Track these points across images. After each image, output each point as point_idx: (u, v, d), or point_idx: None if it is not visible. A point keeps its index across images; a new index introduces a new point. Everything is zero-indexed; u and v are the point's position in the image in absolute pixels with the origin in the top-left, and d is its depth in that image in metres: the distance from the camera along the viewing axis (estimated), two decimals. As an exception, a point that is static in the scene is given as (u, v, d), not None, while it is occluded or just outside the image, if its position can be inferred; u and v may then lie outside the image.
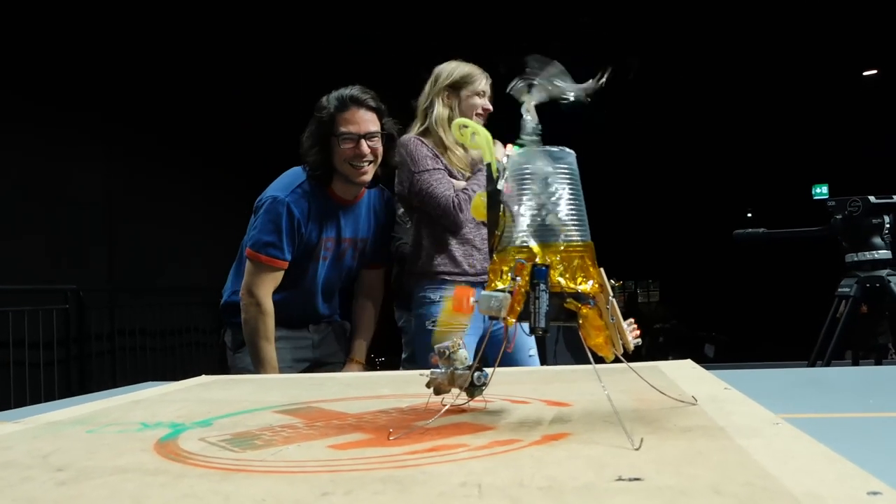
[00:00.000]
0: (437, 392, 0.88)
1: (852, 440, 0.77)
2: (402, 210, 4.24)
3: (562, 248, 0.76)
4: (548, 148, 0.80)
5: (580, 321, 0.75)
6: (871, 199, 2.22)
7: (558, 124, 0.96)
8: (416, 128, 2.31)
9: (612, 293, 0.76)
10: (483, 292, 0.77)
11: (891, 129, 10.03)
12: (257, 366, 1.99)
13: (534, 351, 2.35)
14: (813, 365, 2.30)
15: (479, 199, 0.89)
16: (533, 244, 0.77)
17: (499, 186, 0.82)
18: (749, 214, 12.79)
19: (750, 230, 2.50)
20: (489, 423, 0.80)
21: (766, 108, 10.52)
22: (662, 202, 12.47)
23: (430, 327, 2.31)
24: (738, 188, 12.22)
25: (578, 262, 0.76)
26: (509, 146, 0.82)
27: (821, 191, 11.99)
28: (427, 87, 2.33)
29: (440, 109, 2.27)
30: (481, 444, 0.69)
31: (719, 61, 9.32)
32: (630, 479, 0.54)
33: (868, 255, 2.23)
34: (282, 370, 2.03)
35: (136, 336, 6.72)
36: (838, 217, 2.26)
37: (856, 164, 9.78)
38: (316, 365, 2.19)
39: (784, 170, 11.46)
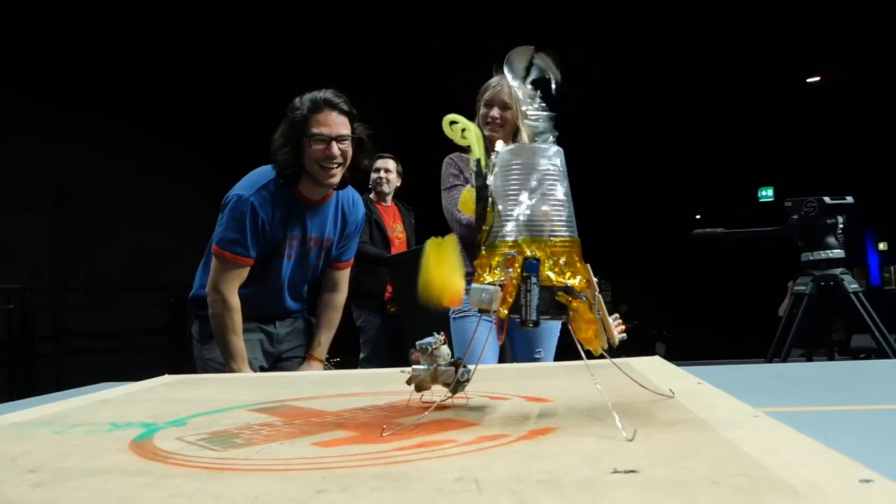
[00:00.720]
0: (419, 389, 0.88)
1: (823, 432, 0.79)
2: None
3: (550, 243, 0.76)
4: (537, 145, 0.80)
5: (570, 314, 0.75)
6: (827, 199, 2.28)
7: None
8: None
9: (597, 288, 0.77)
10: (474, 285, 0.77)
11: (834, 133, 10.38)
12: (227, 359, 2.01)
13: (540, 353, 2.34)
14: (770, 362, 2.36)
15: (468, 193, 0.88)
16: (521, 239, 0.77)
17: (487, 182, 0.82)
18: (698, 217, 13.10)
19: (708, 230, 2.55)
20: (472, 419, 0.79)
21: (714, 113, 10.78)
22: (613, 204, 12.66)
23: (453, 316, 2.39)
24: (687, 191, 12.50)
25: (566, 257, 0.76)
26: (499, 142, 0.82)
27: (766, 193, 12.36)
28: None
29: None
30: (468, 439, 0.68)
31: (668, 68, 9.51)
32: (626, 472, 0.54)
33: (823, 255, 2.30)
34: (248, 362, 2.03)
35: (82, 337, 6.53)
36: (795, 217, 2.32)
37: (800, 168, 10.10)
38: (278, 359, 2.18)
39: (731, 173, 11.77)
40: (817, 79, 10.92)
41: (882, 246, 12.72)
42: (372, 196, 4.39)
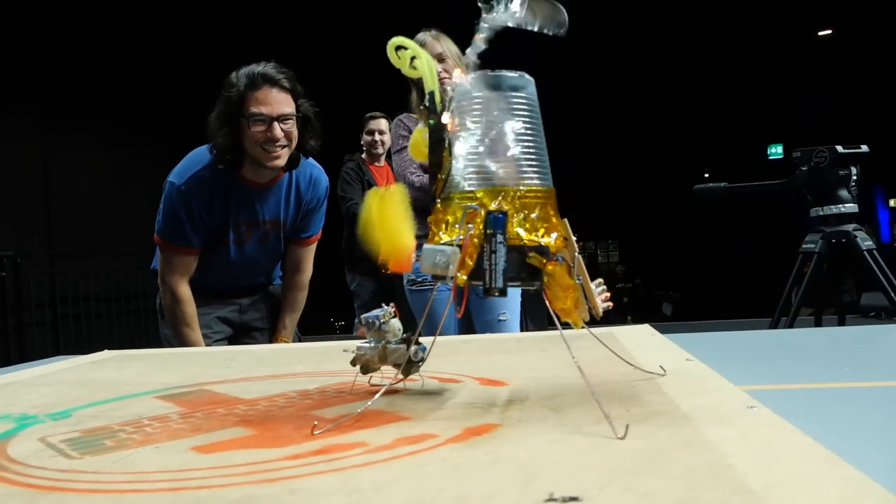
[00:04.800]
0: (365, 371, 0.74)
1: (829, 417, 0.65)
2: (349, 167, 4.11)
3: (519, 193, 0.61)
4: (503, 73, 0.65)
5: (545, 279, 0.61)
6: (839, 148, 2.09)
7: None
8: None
9: (577, 249, 0.62)
10: (426, 246, 0.62)
11: (845, 88, 10.09)
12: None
13: (505, 315, 2.20)
14: (777, 323, 2.20)
15: (420, 135, 0.73)
16: (484, 189, 0.62)
17: (443, 120, 0.66)
18: (706, 175, 12.86)
19: (711, 185, 2.38)
20: (403, 410, 0.65)
21: (723, 69, 10.49)
22: (621, 162, 12.43)
23: (409, 288, 2.35)
24: (695, 149, 12.26)
25: (539, 210, 0.62)
26: (456, 71, 0.66)
27: (776, 150, 12.07)
28: None
29: (413, 95, 2.25)
30: (384, 442, 0.54)
31: (674, 24, 9.22)
32: (564, 500, 0.40)
33: (834, 209, 2.11)
34: (204, 336, 1.92)
35: (79, 303, 6.42)
36: (804, 169, 2.13)
37: (811, 124, 9.84)
38: (243, 330, 2.05)
39: (740, 130, 11.52)
40: (828, 32, 10.59)
41: (893, 202, 12.48)
42: (364, 157, 4.24)
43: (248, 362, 1.06)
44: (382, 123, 4.22)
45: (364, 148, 4.24)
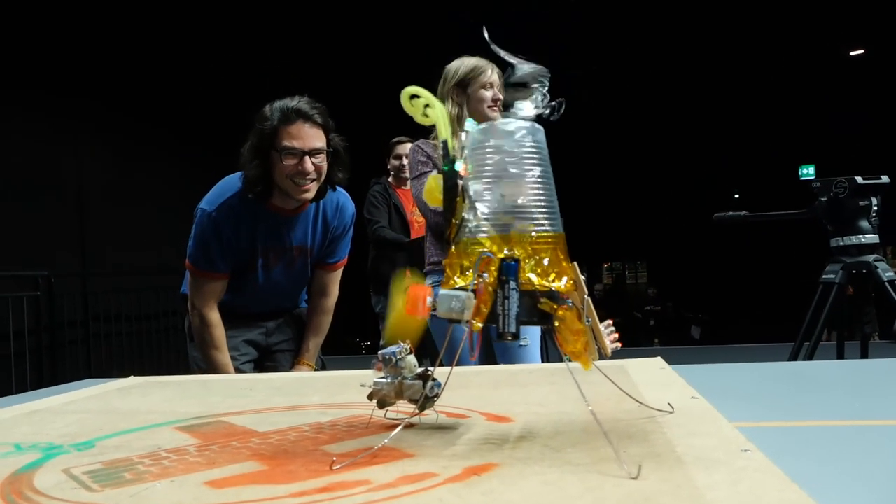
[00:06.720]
0: (382, 405, 0.76)
1: (828, 458, 0.66)
2: (376, 190, 4.16)
3: (531, 239, 0.64)
4: (513, 121, 0.68)
5: (556, 324, 0.63)
6: (859, 179, 2.08)
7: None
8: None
9: (586, 291, 0.64)
10: (442, 291, 0.65)
11: (878, 109, 9.97)
12: (212, 372, 1.93)
13: (526, 341, 2.21)
14: (798, 352, 2.17)
15: (434, 181, 0.77)
16: (496, 234, 0.65)
17: (456, 167, 0.69)
18: (736, 196, 12.76)
19: (731, 213, 2.37)
20: (409, 447, 0.67)
21: (753, 90, 10.44)
22: (651, 184, 12.39)
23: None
24: (725, 170, 12.18)
25: (550, 255, 0.64)
26: (469, 121, 0.70)
27: (807, 171, 11.94)
28: (438, 88, 2.27)
29: (450, 108, 2.22)
30: (387, 480, 0.57)
31: (706, 43, 9.20)
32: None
33: (854, 240, 2.10)
34: (232, 358, 1.96)
35: (111, 322, 6.53)
36: (823, 199, 2.12)
37: (843, 145, 9.73)
38: (268, 352, 2.10)
39: (771, 151, 11.43)
40: (861, 52, 10.50)
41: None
42: (391, 180, 4.29)
43: (266, 391, 1.09)
44: (409, 148, 4.27)
45: (392, 172, 4.29)
